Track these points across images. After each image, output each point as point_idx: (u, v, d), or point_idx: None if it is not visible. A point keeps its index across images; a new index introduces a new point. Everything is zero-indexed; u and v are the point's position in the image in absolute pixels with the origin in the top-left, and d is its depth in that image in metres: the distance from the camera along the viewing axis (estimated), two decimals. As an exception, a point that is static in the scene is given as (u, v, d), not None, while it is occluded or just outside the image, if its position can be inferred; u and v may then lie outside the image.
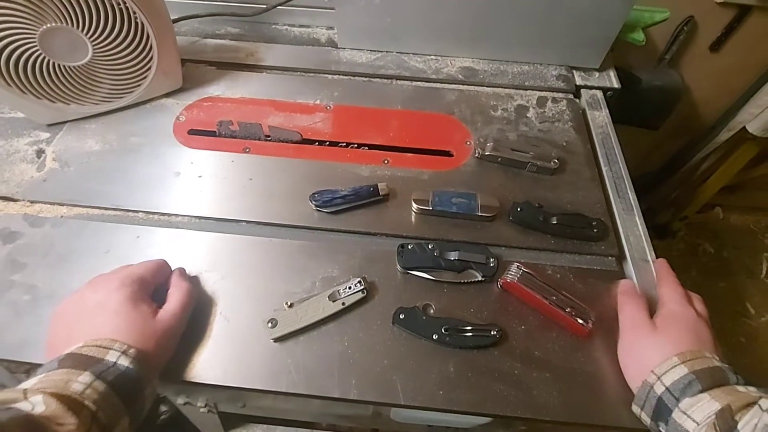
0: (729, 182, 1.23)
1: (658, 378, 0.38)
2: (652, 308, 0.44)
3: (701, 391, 0.35)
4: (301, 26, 0.74)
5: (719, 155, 1.17)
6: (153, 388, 0.38)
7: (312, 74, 0.69)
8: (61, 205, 0.53)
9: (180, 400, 0.66)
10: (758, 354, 1.24)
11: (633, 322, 0.43)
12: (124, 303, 0.38)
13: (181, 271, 0.46)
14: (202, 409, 0.68)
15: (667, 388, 0.37)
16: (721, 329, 1.29)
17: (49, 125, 0.60)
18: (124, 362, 0.35)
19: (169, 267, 0.45)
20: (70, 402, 0.30)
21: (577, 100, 0.67)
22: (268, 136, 0.59)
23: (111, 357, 0.35)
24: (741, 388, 0.36)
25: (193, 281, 0.47)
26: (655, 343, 0.40)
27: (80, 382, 0.32)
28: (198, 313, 0.45)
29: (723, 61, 0.96)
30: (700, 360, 0.37)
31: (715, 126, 1.10)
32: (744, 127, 1.01)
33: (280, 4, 0.68)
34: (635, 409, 0.39)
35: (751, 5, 0.83)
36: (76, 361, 0.34)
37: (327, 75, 0.69)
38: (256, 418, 0.78)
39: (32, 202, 0.53)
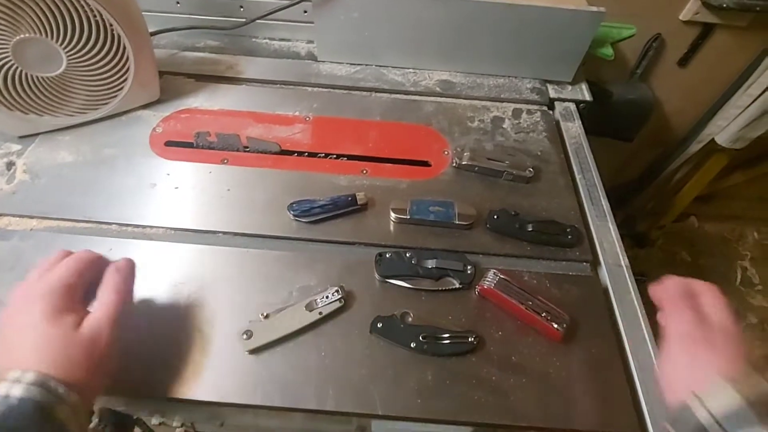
0: (702, 192, 1.27)
1: (701, 401, 0.33)
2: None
3: (757, 423, 0.30)
4: (281, 39, 0.75)
5: (691, 166, 1.21)
6: (74, 406, 0.33)
7: (291, 87, 0.69)
8: (31, 217, 0.52)
9: (155, 420, 0.64)
10: (737, 360, 1.26)
11: (679, 331, 0.38)
12: (42, 319, 0.34)
13: (117, 266, 0.40)
14: (178, 429, 0.66)
15: (712, 416, 0.32)
16: (699, 336, 1.30)
17: (21, 137, 0.59)
18: (17, 392, 0.31)
19: (103, 259, 0.41)
20: None
21: (551, 112, 0.69)
22: (247, 147, 0.59)
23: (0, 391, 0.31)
24: None
25: (160, 294, 0.46)
26: (707, 356, 0.35)
27: None
28: (172, 326, 0.44)
29: (691, 75, 1.00)
30: (751, 384, 0.32)
31: (686, 138, 1.14)
32: (713, 139, 1.05)
33: (259, 18, 0.69)
34: (668, 426, 0.35)
35: (714, 23, 0.88)
36: None
37: (306, 87, 0.69)
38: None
39: (0, 215, 0.52)
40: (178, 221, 0.52)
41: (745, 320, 1.36)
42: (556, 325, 0.43)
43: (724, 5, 0.81)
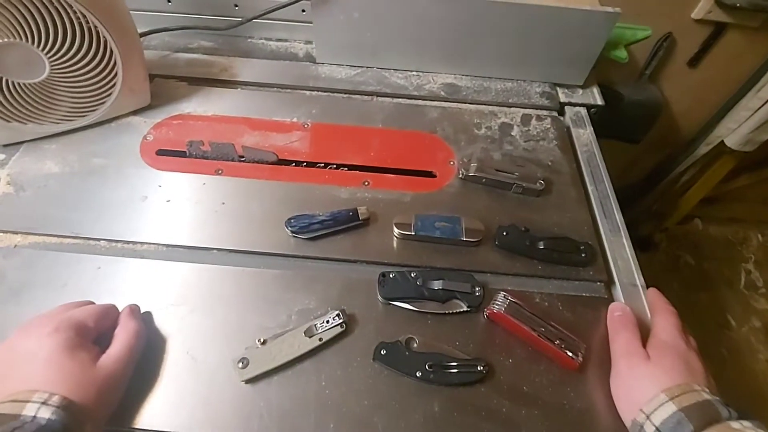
0: (707, 194, 1.24)
1: (647, 417, 0.36)
2: (643, 336, 0.43)
3: (693, 429, 0.34)
4: (278, 40, 0.72)
5: (698, 168, 1.18)
6: None
7: (289, 90, 0.66)
8: (15, 233, 0.49)
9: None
10: (741, 367, 1.25)
11: (626, 349, 0.41)
12: (58, 351, 0.35)
13: (132, 309, 0.42)
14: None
15: (657, 428, 0.35)
16: (703, 342, 1.27)
17: (5, 146, 0.56)
18: (45, 414, 0.31)
19: (117, 310, 0.42)
20: None
21: (562, 118, 0.66)
22: (242, 157, 0.56)
23: (29, 411, 0.31)
24: (735, 425, 0.34)
25: (151, 317, 0.44)
26: (647, 373, 0.39)
27: None
28: (163, 351, 0.42)
29: (701, 76, 0.97)
30: (688, 395, 0.36)
31: (694, 140, 1.11)
32: (722, 141, 1.03)
33: (255, 18, 0.65)
34: None
35: (726, 23, 0.85)
36: None
37: (305, 91, 0.66)
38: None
39: (-18, 230, 0.49)
40: (170, 237, 0.49)
41: (748, 324, 1.35)
42: (571, 354, 0.41)
43: (738, 5, 0.78)
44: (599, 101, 0.68)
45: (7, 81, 0.48)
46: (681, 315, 0.44)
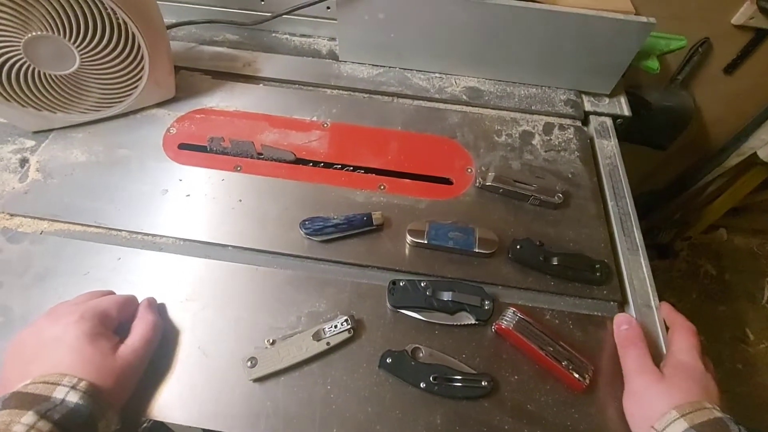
0: (734, 204, 1.20)
1: None
2: (652, 352, 0.42)
3: None
4: (302, 36, 0.72)
5: (727, 179, 1.14)
6: (108, 422, 0.35)
7: (311, 88, 0.66)
8: (42, 219, 0.51)
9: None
10: (755, 382, 1.22)
11: (639, 367, 0.41)
12: (82, 338, 0.36)
13: (150, 302, 0.44)
14: (184, 426, 0.67)
15: None
16: (718, 355, 1.26)
17: (35, 132, 0.58)
18: (73, 398, 0.33)
19: (137, 302, 0.44)
20: None
21: (585, 128, 0.65)
22: (261, 155, 0.57)
23: (59, 393, 0.33)
24: None
25: (166, 311, 0.45)
26: (661, 391, 0.39)
27: (23, 423, 0.30)
28: (175, 345, 0.43)
29: (736, 84, 0.93)
30: (700, 412, 0.36)
31: (724, 149, 1.07)
32: (754, 153, 0.99)
33: (283, 14, 0.65)
34: None
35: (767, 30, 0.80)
36: (21, 400, 0.32)
37: (326, 89, 0.66)
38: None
39: (12, 215, 0.51)
40: (188, 232, 0.51)
41: (768, 340, 1.31)
42: (578, 376, 0.41)
43: (783, 12, 0.74)
44: (626, 112, 0.66)
45: (39, 72, 0.50)
46: (697, 325, 0.44)
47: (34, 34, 0.47)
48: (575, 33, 0.59)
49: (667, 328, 0.46)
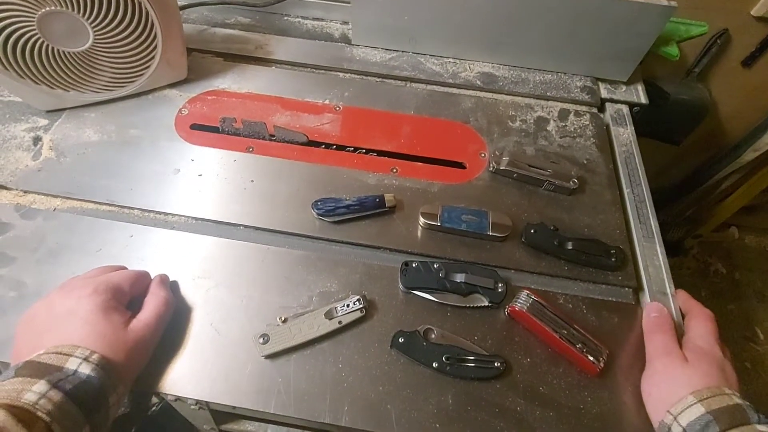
0: (748, 202, 1.18)
1: (675, 418, 0.36)
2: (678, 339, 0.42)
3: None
4: (314, 19, 0.71)
5: (742, 174, 1.12)
6: (119, 396, 0.36)
7: (323, 71, 0.66)
8: (55, 197, 0.51)
9: (170, 396, 0.64)
10: (764, 381, 1.21)
11: (664, 350, 0.41)
12: (95, 311, 0.36)
13: (162, 279, 0.44)
14: (192, 406, 0.67)
15: (684, 429, 0.35)
16: (728, 353, 1.25)
17: (48, 111, 0.58)
18: (86, 370, 0.33)
19: (150, 277, 0.44)
20: (21, 413, 0.28)
21: (602, 115, 0.64)
22: (273, 136, 0.57)
23: (71, 365, 0.33)
24: (763, 428, 0.33)
25: (178, 288, 0.45)
26: (683, 375, 0.38)
27: (34, 391, 0.30)
28: (187, 321, 0.43)
29: (755, 77, 0.91)
30: (719, 398, 0.35)
31: (739, 144, 1.05)
32: (772, 148, 0.97)
33: (294, -4, 0.65)
34: None
35: (790, 21, 0.79)
36: (33, 369, 0.32)
37: (338, 73, 0.66)
38: (248, 416, 0.77)
39: (25, 192, 0.51)
40: (200, 211, 0.50)
41: (779, 342, 1.30)
42: (592, 359, 0.40)
43: (807, 3, 0.72)
44: (643, 99, 0.65)
45: (53, 48, 0.50)
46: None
47: (48, 9, 0.47)
48: (594, 16, 0.58)
49: (683, 316, 0.46)
